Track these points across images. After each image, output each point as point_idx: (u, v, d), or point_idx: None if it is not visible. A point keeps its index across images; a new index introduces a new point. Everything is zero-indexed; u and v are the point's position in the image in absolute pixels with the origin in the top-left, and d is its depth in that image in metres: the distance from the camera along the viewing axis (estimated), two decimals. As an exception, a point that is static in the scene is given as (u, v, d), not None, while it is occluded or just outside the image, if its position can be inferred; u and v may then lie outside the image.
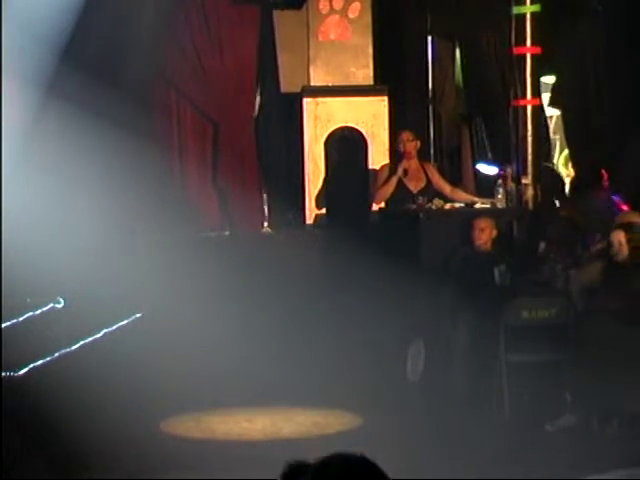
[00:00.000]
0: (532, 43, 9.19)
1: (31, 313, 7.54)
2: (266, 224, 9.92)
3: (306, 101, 10.22)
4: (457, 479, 6.16)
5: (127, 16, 9.14)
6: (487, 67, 10.75)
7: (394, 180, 9.24)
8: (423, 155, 9.69)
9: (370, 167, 10.10)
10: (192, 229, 9.70)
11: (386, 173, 9.40)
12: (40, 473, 6.35)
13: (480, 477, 6.18)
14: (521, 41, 9.20)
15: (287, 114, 10.45)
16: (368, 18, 10.28)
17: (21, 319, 7.42)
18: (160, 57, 9.83)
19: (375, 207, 9.62)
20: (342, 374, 7.97)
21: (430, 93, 10.87)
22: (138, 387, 7.32)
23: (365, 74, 10.29)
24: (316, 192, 10.14)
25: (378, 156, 10.08)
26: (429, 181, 9.34)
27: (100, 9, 8.76)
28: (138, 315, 8.42)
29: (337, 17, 10.28)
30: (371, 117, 10.20)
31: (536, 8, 9.19)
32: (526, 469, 6.33)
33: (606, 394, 7.06)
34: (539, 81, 9.88)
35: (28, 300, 7.64)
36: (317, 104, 10.22)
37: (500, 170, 9.49)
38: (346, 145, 10.22)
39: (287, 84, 10.31)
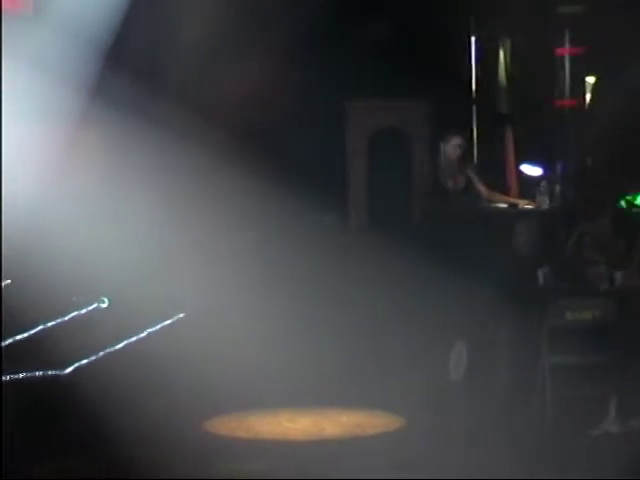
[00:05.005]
0: (575, 43, 9.16)
1: (76, 312, 7.61)
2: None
3: (350, 102, 10.22)
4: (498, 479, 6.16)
5: (172, 16, 9.20)
6: (531, 67, 10.71)
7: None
8: (466, 156, 9.69)
9: (414, 167, 10.10)
10: (235, 229, 9.74)
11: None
12: (84, 471, 6.41)
13: (521, 478, 6.16)
14: (564, 41, 9.18)
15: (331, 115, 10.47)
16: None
17: (66, 318, 7.50)
18: (204, 57, 9.87)
19: (418, 208, 9.63)
20: (385, 375, 7.97)
21: (474, 93, 10.85)
22: (181, 387, 7.37)
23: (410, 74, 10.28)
24: (359, 193, 10.15)
25: (421, 156, 10.07)
26: (468, 183, 9.35)
27: (144, 9, 8.82)
28: (182, 315, 8.47)
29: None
30: (415, 117, 10.19)
31: (580, 9, 9.16)
32: (567, 472, 6.30)
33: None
34: (583, 81, 9.84)
35: (74, 299, 7.72)
36: (361, 104, 10.22)
37: (544, 171, 9.46)
38: (389, 146, 10.22)
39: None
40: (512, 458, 6.57)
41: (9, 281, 7.41)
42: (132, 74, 8.46)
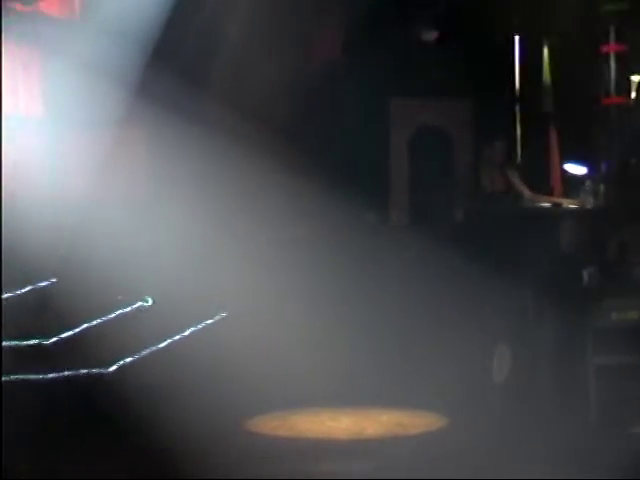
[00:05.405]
0: (619, 41, 9.11)
1: (121, 311, 7.67)
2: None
3: (393, 100, 10.22)
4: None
5: (217, 14, 9.23)
6: (576, 66, 10.64)
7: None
8: (509, 157, 9.66)
9: (455, 167, 10.09)
10: (277, 228, 9.76)
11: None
12: (127, 470, 6.45)
13: (564, 478, 6.13)
14: (609, 39, 9.13)
15: (374, 113, 10.47)
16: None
17: (111, 316, 7.55)
18: (249, 55, 9.90)
19: (460, 208, 9.61)
20: (427, 375, 7.96)
21: (517, 93, 10.79)
22: (224, 386, 7.40)
23: (453, 73, 10.27)
24: (401, 192, 10.14)
25: (462, 156, 10.05)
26: (509, 184, 9.33)
27: (189, 8, 8.86)
28: (224, 314, 8.51)
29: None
30: (457, 117, 10.17)
31: (624, 6, 9.10)
32: (610, 471, 6.26)
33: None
34: (628, 79, 9.76)
35: (119, 298, 7.78)
36: (404, 103, 10.22)
37: (589, 170, 9.40)
38: (430, 145, 10.21)
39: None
40: (555, 459, 6.54)
41: (55, 279, 7.49)
42: (177, 73, 8.51)
